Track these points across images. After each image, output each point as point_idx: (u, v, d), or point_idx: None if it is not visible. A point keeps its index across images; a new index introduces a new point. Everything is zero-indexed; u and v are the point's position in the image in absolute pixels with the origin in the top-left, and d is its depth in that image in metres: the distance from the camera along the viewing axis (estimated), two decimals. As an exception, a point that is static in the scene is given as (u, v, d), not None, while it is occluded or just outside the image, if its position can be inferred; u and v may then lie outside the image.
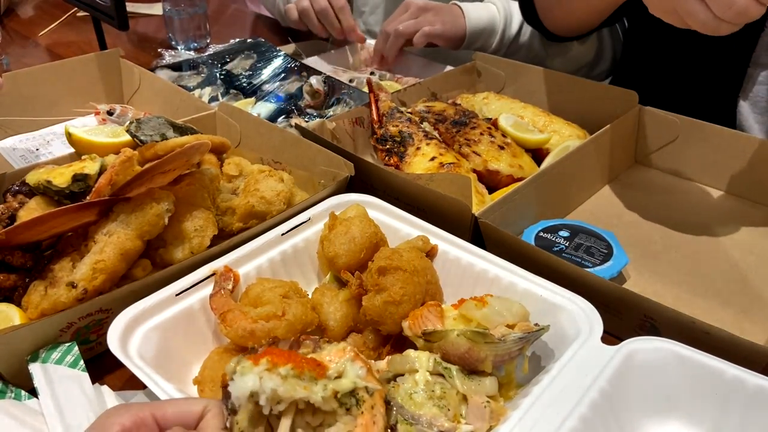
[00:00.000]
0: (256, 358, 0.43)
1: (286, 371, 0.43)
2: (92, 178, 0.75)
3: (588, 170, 0.96)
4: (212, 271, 0.67)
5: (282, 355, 0.44)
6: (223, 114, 0.99)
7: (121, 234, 0.65)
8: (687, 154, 1.01)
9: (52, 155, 1.00)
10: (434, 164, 0.91)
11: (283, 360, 0.43)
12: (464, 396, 0.58)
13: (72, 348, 0.62)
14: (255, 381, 0.42)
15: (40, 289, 0.64)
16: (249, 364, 0.43)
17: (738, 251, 0.86)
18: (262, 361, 0.43)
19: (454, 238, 0.73)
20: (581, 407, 0.53)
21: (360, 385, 0.46)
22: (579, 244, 0.79)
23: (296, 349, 0.48)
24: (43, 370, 0.60)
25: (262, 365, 0.43)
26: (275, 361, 0.43)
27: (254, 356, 0.43)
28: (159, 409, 0.43)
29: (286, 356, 0.44)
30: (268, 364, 0.43)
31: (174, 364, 0.62)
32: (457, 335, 0.59)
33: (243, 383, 0.42)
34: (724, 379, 0.56)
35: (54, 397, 0.57)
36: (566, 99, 1.10)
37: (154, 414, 0.43)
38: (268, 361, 0.43)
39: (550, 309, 0.64)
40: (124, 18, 1.10)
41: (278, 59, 1.30)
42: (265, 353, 0.43)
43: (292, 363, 0.43)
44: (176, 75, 1.29)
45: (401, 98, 1.11)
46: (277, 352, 0.44)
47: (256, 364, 0.43)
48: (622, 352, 0.58)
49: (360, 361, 0.47)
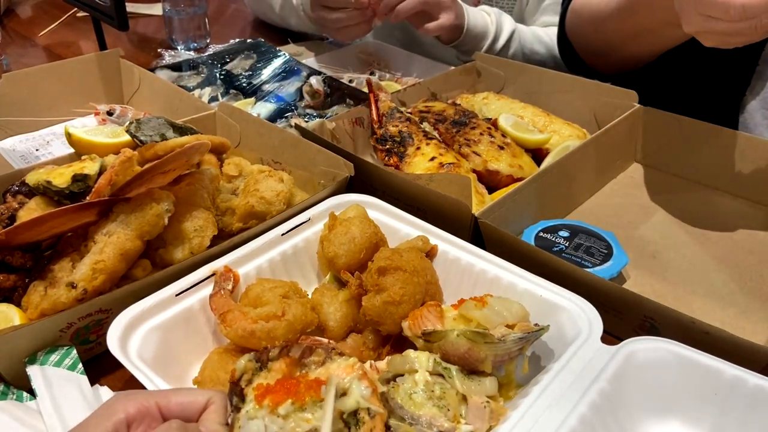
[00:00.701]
0: (259, 398, 0.44)
1: (286, 410, 0.43)
2: (92, 178, 0.75)
3: (588, 170, 0.96)
4: (212, 272, 0.67)
5: (281, 391, 0.44)
6: (223, 114, 0.99)
7: (121, 234, 0.65)
8: (687, 154, 1.00)
9: (52, 155, 1.00)
10: (434, 164, 0.91)
11: (282, 396, 0.44)
12: (464, 396, 0.58)
13: (70, 351, 0.62)
14: (260, 427, 0.43)
15: (39, 290, 0.64)
16: (253, 407, 0.44)
17: (738, 251, 0.86)
18: (264, 404, 0.44)
19: (453, 238, 0.73)
20: (581, 407, 0.53)
21: (363, 405, 0.46)
22: (579, 244, 0.79)
23: (308, 357, 0.48)
24: (42, 373, 0.59)
25: (265, 408, 0.43)
26: (276, 400, 0.43)
27: (258, 395, 0.44)
28: (164, 398, 0.44)
29: (285, 390, 0.44)
30: (269, 406, 0.43)
31: (174, 364, 0.62)
32: (457, 335, 0.59)
33: (249, 429, 0.43)
34: (723, 379, 0.56)
35: (52, 399, 0.57)
36: (566, 99, 1.10)
37: (159, 403, 0.43)
38: (268, 405, 0.43)
39: (549, 309, 0.64)
40: (123, 18, 1.09)
41: (278, 59, 1.30)
42: (266, 392, 0.44)
43: (292, 397, 0.43)
44: (176, 75, 1.29)
45: (401, 98, 1.11)
46: (277, 389, 0.44)
47: (260, 406, 0.44)
48: (622, 352, 0.58)
49: (366, 381, 0.47)
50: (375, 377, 0.50)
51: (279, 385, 0.45)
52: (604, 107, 1.05)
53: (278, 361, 0.46)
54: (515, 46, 1.33)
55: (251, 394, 0.44)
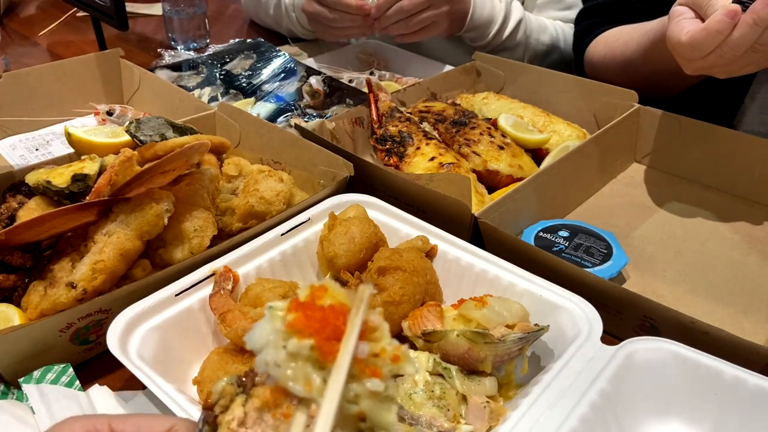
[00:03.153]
0: (293, 304, 0.33)
1: (299, 347, 0.32)
2: (92, 178, 0.75)
3: (587, 170, 0.96)
4: (212, 272, 0.67)
5: (313, 319, 0.33)
6: (223, 114, 0.99)
7: (121, 234, 0.65)
8: (686, 154, 1.00)
9: (52, 155, 1.00)
10: (434, 164, 0.91)
11: (308, 325, 0.33)
12: (464, 396, 0.58)
13: (66, 369, 0.61)
14: (268, 338, 0.33)
15: (39, 290, 0.64)
16: (279, 312, 0.34)
17: (738, 251, 0.86)
18: (288, 318, 0.33)
19: (453, 238, 0.73)
20: (581, 407, 0.53)
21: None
22: (579, 244, 0.79)
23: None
24: (39, 391, 0.59)
25: (282, 320, 0.33)
26: (298, 324, 0.33)
27: (293, 301, 0.34)
28: (120, 423, 0.39)
29: (317, 321, 0.33)
30: (288, 323, 0.33)
31: (174, 364, 0.62)
32: (457, 335, 0.59)
33: (258, 336, 0.33)
34: (723, 380, 0.56)
35: (51, 417, 0.57)
36: (566, 99, 1.10)
37: (113, 426, 0.39)
38: (291, 322, 0.33)
39: (549, 309, 0.64)
40: (123, 18, 1.09)
41: (278, 59, 1.30)
42: (296, 307, 0.33)
43: (316, 337, 0.33)
44: (176, 75, 1.29)
45: (401, 98, 1.11)
46: (310, 310, 0.33)
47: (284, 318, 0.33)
48: (621, 352, 0.58)
49: None
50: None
51: (312, 308, 0.33)
52: (604, 107, 1.05)
53: (264, 387, 0.37)
54: (521, 35, 1.32)
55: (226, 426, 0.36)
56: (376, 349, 0.33)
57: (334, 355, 0.32)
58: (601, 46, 1.15)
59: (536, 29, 1.34)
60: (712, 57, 0.75)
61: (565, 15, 1.38)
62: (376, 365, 0.33)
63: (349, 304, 0.34)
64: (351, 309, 0.34)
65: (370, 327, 0.34)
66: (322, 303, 0.34)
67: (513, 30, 1.30)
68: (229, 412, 0.37)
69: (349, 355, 0.32)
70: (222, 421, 0.37)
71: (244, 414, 0.37)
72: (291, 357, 0.33)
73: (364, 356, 0.33)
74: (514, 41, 1.32)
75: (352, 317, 0.34)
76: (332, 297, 0.34)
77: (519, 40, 1.32)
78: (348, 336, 0.33)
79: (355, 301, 0.34)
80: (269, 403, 0.37)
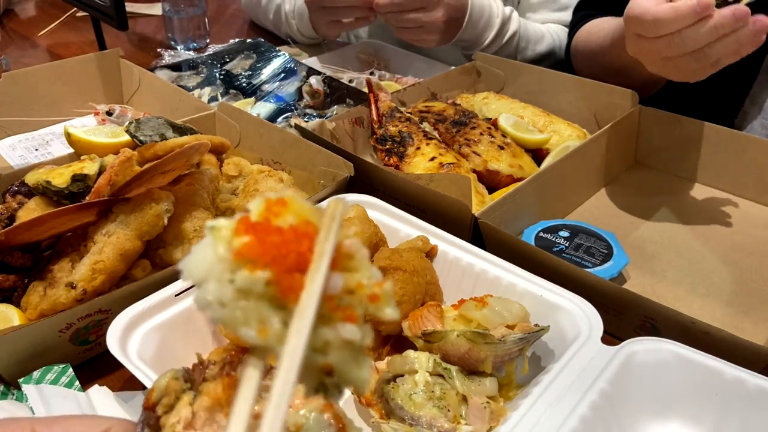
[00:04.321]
0: (242, 224, 0.26)
1: (252, 281, 0.25)
2: (91, 178, 0.75)
3: (588, 170, 0.96)
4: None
5: (269, 244, 0.25)
6: (223, 114, 0.99)
7: (121, 234, 0.65)
8: (687, 154, 1.00)
9: (52, 155, 1.00)
10: (434, 164, 0.91)
11: (263, 252, 0.25)
12: (464, 396, 0.58)
13: (66, 370, 0.61)
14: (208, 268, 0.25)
15: (39, 290, 0.64)
16: (224, 234, 0.26)
17: (738, 251, 0.86)
18: (236, 242, 0.25)
19: (453, 238, 0.73)
20: (581, 408, 0.53)
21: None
22: (579, 245, 0.79)
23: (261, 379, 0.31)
24: (38, 391, 0.58)
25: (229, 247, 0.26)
26: (250, 251, 0.25)
27: (242, 219, 0.26)
28: (45, 426, 0.35)
29: (274, 246, 0.25)
30: (236, 250, 0.25)
31: (173, 364, 0.61)
32: (457, 336, 0.59)
33: (197, 264, 0.26)
34: (724, 380, 0.56)
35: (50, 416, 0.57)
36: (566, 99, 1.10)
37: (36, 430, 0.35)
38: (240, 249, 0.25)
39: (550, 309, 0.64)
40: (123, 18, 1.09)
41: (278, 59, 1.30)
42: (246, 228, 0.26)
43: (274, 268, 0.25)
44: (176, 75, 1.29)
45: (401, 98, 1.10)
46: (264, 232, 0.26)
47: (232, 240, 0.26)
48: (622, 352, 0.58)
49: (331, 415, 0.33)
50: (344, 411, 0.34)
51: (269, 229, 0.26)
52: (604, 107, 1.05)
53: (215, 382, 0.33)
54: (514, 46, 1.32)
55: (170, 429, 0.31)
56: (351, 283, 0.26)
57: (297, 291, 0.25)
58: (584, 34, 1.15)
59: (533, 40, 1.33)
60: (661, 42, 0.74)
61: (559, 17, 1.37)
62: (351, 305, 0.26)
63: (317, 224, 0.27)
64: (319, 230, 0.27)
65: (344, 253, 0.27)
66: (280, 223, 0.26)
67: (506, 42, 1.30)
68: (174, 413, 0.32)
69: (317, 291, 0.25)
70: (166, 423, 0.32)
71: (192, 414, 0.32)
72: (241, 294, 0.25)
73: (336, 292, 0.26)
74: (507, 53, 1.31)
75: (321, 241, 0.26)
76: (294, 214, 0.27)
77: (510, 52, 1.32)
78: (316, 266, 0.25)
79: (324, 219, 0.27)
80: (221, 401, 0.32)
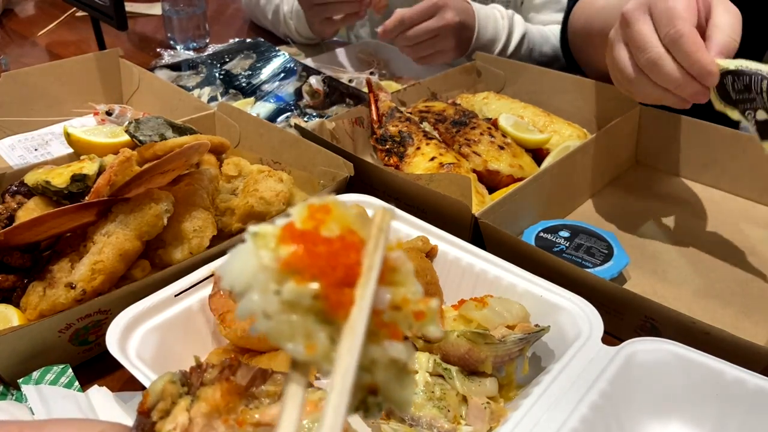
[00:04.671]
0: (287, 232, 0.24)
1: (300, 294, 0.23)
2: (91, 178, 0.75)
3: (588, 170, 0.96)
4: (211, 272, 0.67)
5: (317, 255, 0.24)
6: (223, 114, 0.98)
7: (120, 235, 0.65)
8: (688, 154, 1.00)
9: (51, 155, 1.00)
10: (434, 164, 0.91)
11: (311, 264, 0.24)
12: (464, 397, 0.58)
13: (66, 370, 0.61)
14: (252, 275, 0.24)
15: (38, 290, 0.64)
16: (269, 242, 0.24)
17: (739, 252, 0.86)
18: (281, 252, 0.24)
19: (454, 238, 0.73)
20: (582, 408, 0.53)
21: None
22: (579, 245, 0.79)
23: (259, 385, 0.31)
24: (38, 392, 0.58)
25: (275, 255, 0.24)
26: (297, 262, 0.24)
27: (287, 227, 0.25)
28: (34, 429, 0.34)
29: (322, 258, 0.24)
30: (284, 261, 0.24)
31: (173, 365, 0.61)
32: (457, 336, 0.59)
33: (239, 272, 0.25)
34: (724, 380, 0.56)
35: (50, 417, 0.56)
36: (567, 99, 1.10)
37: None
38: (287, 259, 0.24)
39: (550, 310, 0.63)
40: (123, 18, 1.09)
41: (278, 59, 1.30)
42: (292, 236, 0.24)
43: (322, 281, 0.24)
44: (175, 75, 1.29)
45: (401, 98, 1.10)
46: (311, 242, 0.24)
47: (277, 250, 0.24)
48: (622, 352, 0.58)
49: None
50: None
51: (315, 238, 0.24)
52: (605, 107, 1.05)
53: (214, 387, 0.31)
54: (525, 49, 1.32)
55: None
56: (397, 298, 0.25)
57: (346, 306, 0.24)
58: (579, 10, 1.13)
59: (539, 42, 1.33)
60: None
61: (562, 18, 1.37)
62: (396, 321, 0.25)
63: (361, 234, 0.25)
64: (367, 242, 0.25)
65: (390, 267, 0.25)
66: (327, 232, 0.25)
67: (516, 46, 1.30)
68: (171, 419, 0.30)
69: (367, 307, 0.24)
70: (161, 429, 0.30)
71: (188, 420, 0.30)
72: (287, 306, 0.24)
73: (383, 307, 0.24)
74: (517, 57, 1.31)
75: (370, 253, 0.24)
76: (339, 222, 0.25)
77: (522, 56, 1.32)
78: (365, 280, 0.24)
79: (372, 229, 0.25)
80: (220, 408, 0.30)
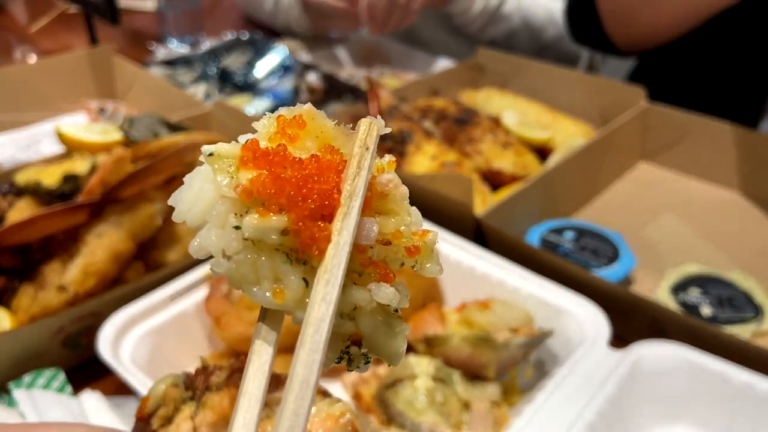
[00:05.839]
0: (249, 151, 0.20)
1: (264, 229, 0.19)
2: (83, 177, 0.73)
3: (593, 169, 0.94)
4: (207, 274, 0.66)
5: (285, 180, 0.19)
6: (219, 111, 0.97)
7: (113, 236, 0.64)
8: (695, 152, 0.99)
9: (42, 154, 0.98)
10: (435, 163, 0.89)
11: (278, 190, 0.19)
12: (466, 402, 0.57)
13: (58, 374, 0.60)
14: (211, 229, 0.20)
15: (30, 292, 0.63)
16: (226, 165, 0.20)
17: (748, 252, 0.84)
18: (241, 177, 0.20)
19: (456, 239, 0.71)
20: (587, 414, 0.52)
21: None
22: (585, 246, 0.77)
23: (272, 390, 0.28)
24: (29, 396, 0.57)
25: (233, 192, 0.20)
26: (260, 188, 0.19)
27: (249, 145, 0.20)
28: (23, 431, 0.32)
29: (291, 183, 0.19)
30: (243, 188, 0.20)
31: (168, 369, 0.60)
32: (460, 340, 0.57)
33: (191, 201, 0.21)
34: (733, 384, 0.55)
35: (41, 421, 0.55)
36: (571, 96, 1.08)
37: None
38: (247, 186, 0.20)
39: (555, 313, 0.62)
40: (115, 11, 1.07)
41: (274, 55, 1.28)
42: (254, 156, 0.20)
43: (292, 212, 0.19)
44: (170, 71, 1.27)
45: (401, 95, 1.09)
46: (279, 163, 0.20)
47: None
48: (629, 356, 0.57)
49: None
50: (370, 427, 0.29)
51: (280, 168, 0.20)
52: (611, 104, 1.03)
53: (221, 394, 0.28)
54: (513, 4, 1.28)
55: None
56: (387, 231, 0.20)
57: (321, 243, 0.18)
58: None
59: (531, 3, 1.30)
60: None
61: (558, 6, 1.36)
62: (385, 259, 0.20)
63: (343, 150, 0.20)
64: (349, 161, 0.20)
65: (378, 193, 0.20)
66: (299, 151, 0.19)
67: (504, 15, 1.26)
68: (173, 428, 0.27)
69: (347, 243, 0.18)
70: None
71: (192, 429, 0.27)
72: (250, 244, 0.19)
73: (369, 242, 0.19)
74: (503, 10, 1.27)
75: (351, 176, 0.19)
76: (315, 138, 0.20)
77: (510, 11, 1.28)
78: (345, 209, 0.19)
79: (355, 145, 0.20)
80: (227, 417, 0.26)
